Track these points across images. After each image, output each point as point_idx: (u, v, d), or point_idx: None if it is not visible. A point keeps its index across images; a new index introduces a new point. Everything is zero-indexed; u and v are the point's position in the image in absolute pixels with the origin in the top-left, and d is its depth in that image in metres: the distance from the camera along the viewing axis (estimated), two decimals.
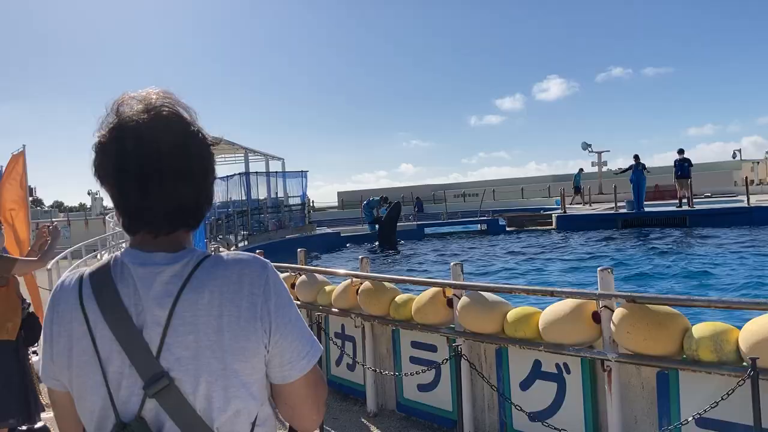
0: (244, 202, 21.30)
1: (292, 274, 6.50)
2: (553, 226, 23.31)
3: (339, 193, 53.21)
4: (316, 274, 6.15)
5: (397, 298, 5.06)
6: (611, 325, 3.56)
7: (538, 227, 23.92)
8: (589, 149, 35.86)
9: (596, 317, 3.72)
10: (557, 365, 4.03)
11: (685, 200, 22.25)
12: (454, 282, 4.52)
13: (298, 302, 6.30)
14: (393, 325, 5.07)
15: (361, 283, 5.40)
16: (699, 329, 3.26)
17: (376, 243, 22.12)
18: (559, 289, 3.81)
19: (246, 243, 18.81)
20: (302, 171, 24.72)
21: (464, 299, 4.40)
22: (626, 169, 23.28)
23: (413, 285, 5.26)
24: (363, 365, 5.16)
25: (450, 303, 4.58)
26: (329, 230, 24.70)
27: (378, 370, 4.96)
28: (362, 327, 5.46)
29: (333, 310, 5.71)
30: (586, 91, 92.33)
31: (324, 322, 5.60)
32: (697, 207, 21.90)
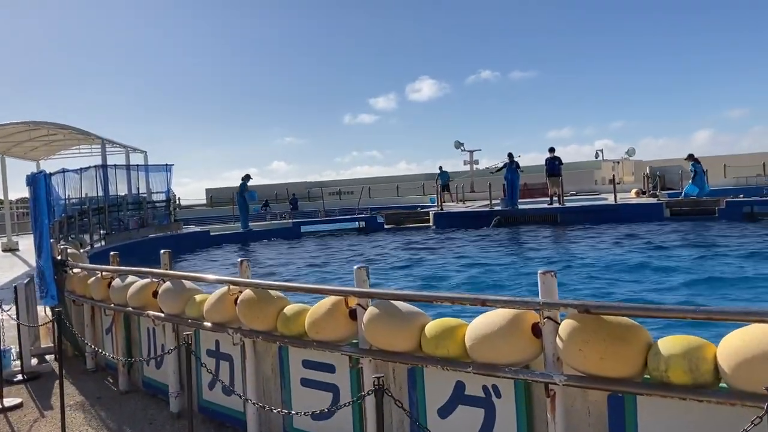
0: (101, 198, 19.31)
1: (154, 280, 5.42)
2: (431, 224, 23.22)
3: (208, 190, 50.85)
4: (185, 281, 5.12)
5: (286, 310, 4.18)
6: (558, 340, 2.92)
7: (416, 224, 23.75)
8: (462, 148, 36.49)
9: (537, 331, 3.07)
10: (485, 388, 3.34)
11: (556, 198, 22.92)
12: (358, 289, 3.71)
13: (162, 314, 5.24)
14: (281, 341, 4.18)
15: (241, 291, 4.47)
16: (667, 345, 2.68)
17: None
18: (492, 297, 3.11)
19: (103, 243, 16.98)
20: (167, 164, 22.89)
21: (371, 310, 3.61)
22: (501, 168, 23.69)
23: (306, 294, 4.39)
24: (242, 397, 4.22)
25: (353, 314, 3.78)
26: (197, 229, 23.05)
27: (260, 404, 4.04)
28: (242, 344, 4.53)
29: (205, 324, 4.73)
30: (457, 93, 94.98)
31: (194, 340, 4.59)
32: (567, 204, 22.60)
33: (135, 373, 6.19)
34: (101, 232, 17.98)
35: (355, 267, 3.80)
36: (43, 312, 8.02)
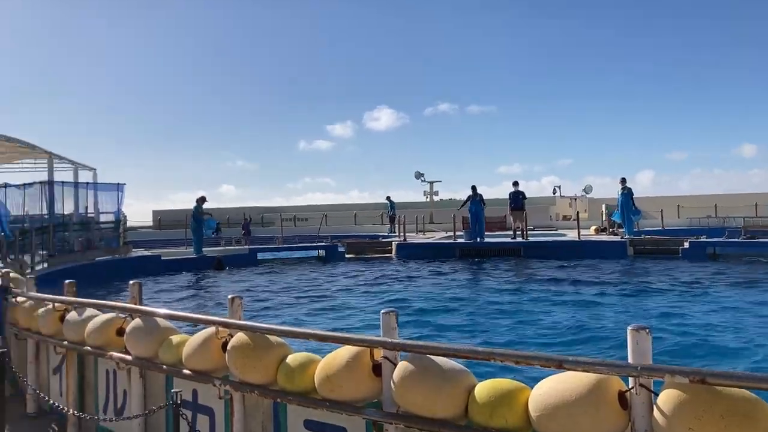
0: (46, 217, 18.09)
1: (121, 316, 4.64)
2: (393, 254, 22.65)
3: (155, 212, 49.04)
4: (159, 319, 4.37)
5: (288, 359, 3.50)
6: (657, 414, 2.35)
7: (378, 254, 23.14)
8: (423, 179, 36.25)
9: (623, 401, 2.50)
10: None
11: (519, 231, 22.71)
12: (387, 339, 3.07)
13: (129, 356, 4.46)
14: (282, 398, 3.49)
15: (231, 335, 3.77)
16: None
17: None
18: (571, 359, 2.52)
19: (46, 265, 15.79)
20: (119, 183, 21.69)
21: (404, 365, 2.97)
22: (466, 201, 23.43)
23: (319, 342, 3.69)
24: None
25: (377, 369, 3.14)
26: (147, 252, 21.86)
27: None
28: (230, 398, 3.81)
29: (184, 371, 3.99)
30: (415, 123, 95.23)
31: (166, 389, 3.84)
32: (531, 239, 22.40)
33: (87, 421, 5.33)
34: (42, 252, 16.75)
35: (382, 311, 3.17)
36: None
